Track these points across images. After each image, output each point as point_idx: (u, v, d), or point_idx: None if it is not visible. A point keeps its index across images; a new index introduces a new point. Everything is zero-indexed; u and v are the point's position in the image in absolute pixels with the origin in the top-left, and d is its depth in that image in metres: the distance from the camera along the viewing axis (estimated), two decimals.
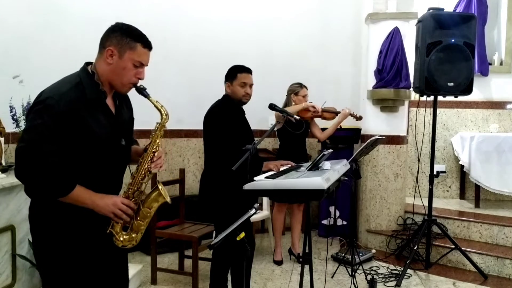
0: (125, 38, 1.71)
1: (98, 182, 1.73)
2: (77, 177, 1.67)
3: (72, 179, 1.65)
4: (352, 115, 4.23)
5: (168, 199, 1.85)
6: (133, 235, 1.80)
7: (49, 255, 1.71)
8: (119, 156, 1.83)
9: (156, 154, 1.82)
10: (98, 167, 1.73)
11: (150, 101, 1.81)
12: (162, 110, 1.84)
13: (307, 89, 4.12)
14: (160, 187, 1.83)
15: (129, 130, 1.92)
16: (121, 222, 1.76)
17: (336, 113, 4.25)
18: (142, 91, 1.79)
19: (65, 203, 1.65)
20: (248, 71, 2.89)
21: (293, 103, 4.07)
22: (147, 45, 1.76)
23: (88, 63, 1.78)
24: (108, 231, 1.76)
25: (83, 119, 1.64)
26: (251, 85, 2.89)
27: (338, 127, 4.23)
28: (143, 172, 1.81)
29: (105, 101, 1.75)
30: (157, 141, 1.83)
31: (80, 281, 1.72)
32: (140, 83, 1.80)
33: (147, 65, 1.79)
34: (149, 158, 1.81)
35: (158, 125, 1.84)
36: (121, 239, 1.78)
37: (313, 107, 4.00)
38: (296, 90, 4.08)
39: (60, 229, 1.69)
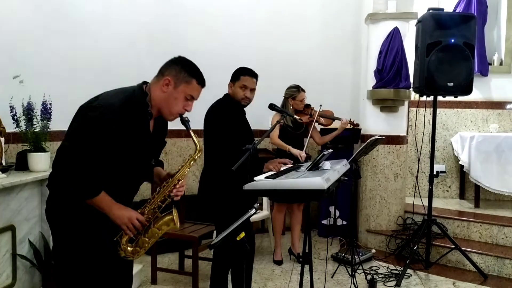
0: (183, 72, 1.86)
1: (116, 191, 1.81)
2: (102, 183, 1.76)
3: (99, 185, 1.75)
4: (350, 122, 4.25)
5: (178, 226, 1.93)
6: (137, 249, 1.88)
7: (66, 248, 1.80)
8: (145, 173, 1.96)
9: (180, 182, 1.91)
10: (123, 179, 1.84)
11: (191, 134, 1.91)
12: (198, 144, 1.94)
13: (304, 92, 4.11)
14: (174, 214, 1.91)
15: (159, 151, 2.06)
16: (130, 235, 1.84)
17: (333, 119, 4.29)
18: (185, 122, 1.92)
19: (83, 203, 1.75)
20: (251, 74, 2.88)
21: (291, 107, 4.07)
22: (201, 82, 1.92)
23: (144, 82, 1.89)
24: (115, 239, 1.84)
25: (126, 133, 1.75)
26: (252, 89, 2.87)
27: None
28: (163, 196, 1.90)
29: (148, 122, 1.86)
30: (186, 170, 1.92)
31: (92, 275, 1.80)
32: (186, 114, 1.92)
33: (196, 99, 1.94)
34: (173, 184, 1.90)
35: (190, 157, 1.95)
36: (125, 250, 1.86)
37: (298, 155, 3.79)
38: (293, 94, 4.07)
39: (76, 225, 1.77)
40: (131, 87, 1.86)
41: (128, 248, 1.86)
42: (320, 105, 4.18)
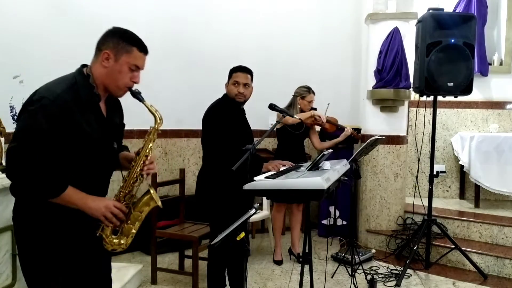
0: (121, 42, 1.72)
1: (86, 184, 1.72)
2: (67, 178, 1.66)
3: (64, 180, 1.64)
4: (353, 134, 4.25)
5: (159, 203, 1.83)
6: (123, 239, 1.78)
7: (35, 256, 1.69)
8: (109, 158, 1.83)
9: (148, 158, 1.80)
10: (88, 169, 1.73)
11: (145, 105, 1.80)
12: (156, 114, 1.82)
13: (314, 94, 4.12)
14: (151, 191, 1.81)
15: (119, 135, 1.93)
16: (111, 226, 1.74)
17: (337, 126, 4.30)
18: (136, 95, 1.79)
19: (52, 204, 1.64)
20: (242, 70, 2.88)
21: (298, 106, 4.07)
22: (143, 49, 1.77)
23: (84, 65, 1.78)
24: (98, 234, 1.74)
25: (76, 120, 1.64)
26: (245, 85, 2.85)
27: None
28: (135, 176, 1.79)
29: (98, 104, 1.76)
30: (150, 145, 1.80)
31: (64, 282, 1.71)
32: (136, 86, 1.80)
33: (142, 69, 1.80)
34: (142, 162, 1.79)
35: (151, 129, 1.83)
36: (111, 243, 1.77)
37: (319, 116, 4.01)
38: (303, 94, 4.07)
39: (47, 230, 1.67)
40: (70, 74, 1.75)
41: (114, 240, 1.76)
42: (328, 104, 4.17)
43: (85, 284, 1.76)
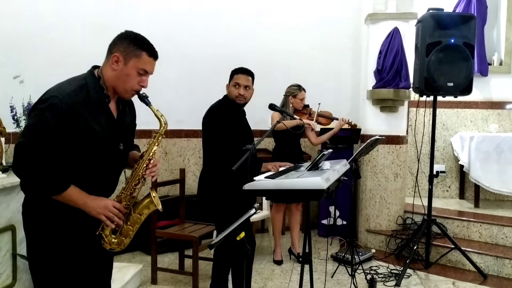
0: (131, 46, 1.74)
1: (92, 184, 1.74)
2: (72, 177, 1.69)
3: (67, 179, 1.67)
4: (347, 122, 4.25)
5: (159, 207, 1.85)
6: (122, 239, 1.82)
7: (41, 251, 1.73)
8: (116, 159, 1.85)
9: (151, 161, 1.83)
10: (94, 169, 1.75)
11: (151, 109, 1.83)
12: (161, 119, 1.85)
13: (305, 91, 4.13)
14: (153, 195, 1.84)
15: (129, 135, 1.94)
16: (111, 226, 1.76)
17: (331, 119, 4.30)
18: (144, 98, 1.82)
19: (58, 201, 1.67)
20: (243, 72, 2.88)
21: (291, 105, 4.08)
22: (153, 54, 1.79)
23: (95, 67, 1.81)
24: (97, 233, 1.78)
25: (84, 120, 1.67)
26: (246, 87, 2.86)
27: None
28: (137, 178, 1.82)
29: (107, 105, 1.78)
30: (154, 148, 1.83)
31: (67, 277, 1.74)
32: (143, 90, 1.82)
33: (151, 74, 1.82)
34: (144, 165, 1.82)
35: (156, 133, 1.86)
36: (110, 242, 1.80)
37: (308, 124, 4.00)
38: (294, 92, 4.09)
39: (52, 226, 1.71)
40: (81, 74, 1.78)
41: (113, 240, 1.80)
42: (319, 104, 4.19)
43: (85, 280, 1.79)
